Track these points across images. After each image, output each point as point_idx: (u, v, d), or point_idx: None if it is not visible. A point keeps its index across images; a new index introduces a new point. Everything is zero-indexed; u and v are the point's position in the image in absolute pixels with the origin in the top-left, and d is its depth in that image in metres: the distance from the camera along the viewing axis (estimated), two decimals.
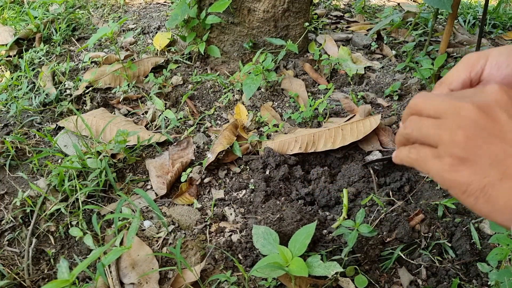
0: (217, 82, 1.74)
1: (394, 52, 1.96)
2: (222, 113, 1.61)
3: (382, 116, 1.52)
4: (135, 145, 1.37)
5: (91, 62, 1.87)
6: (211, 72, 1.84)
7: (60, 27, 2.10)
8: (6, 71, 1.87)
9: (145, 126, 1.54)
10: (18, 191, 1.24)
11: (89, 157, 1.27)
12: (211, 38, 1.81)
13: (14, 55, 1.95)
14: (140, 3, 2.54)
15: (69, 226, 1.16)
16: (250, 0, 1.69)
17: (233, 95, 1.67)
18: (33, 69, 1.85)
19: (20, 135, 1.48)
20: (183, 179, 1.30)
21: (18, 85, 1.74)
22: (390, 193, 1.25)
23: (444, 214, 1.18)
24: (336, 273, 0.98)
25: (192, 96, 1.69)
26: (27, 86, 1.68)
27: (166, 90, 1.69)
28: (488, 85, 0.46)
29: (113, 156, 1.36)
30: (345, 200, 1.18)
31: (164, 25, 2.19)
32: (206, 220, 1.19)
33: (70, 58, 1.95)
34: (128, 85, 1.71)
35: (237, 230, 1.16)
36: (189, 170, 1.32)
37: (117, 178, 1.30)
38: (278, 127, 1.46)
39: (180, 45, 1.96)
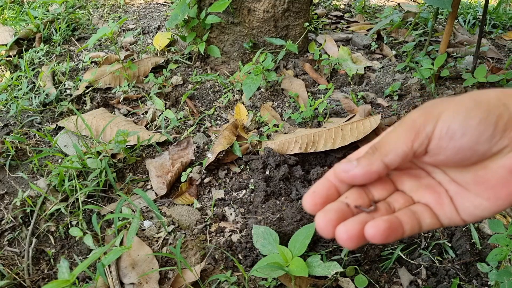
0: (217, 82, 1.74)
1: (394, 52, 1.96)
2: (222, 113, 1.61)
3: (382, 116, 1.52)
4: (135, 145, 1.37)
5: (91, 62, 1.87)
6: (211, 72, 1.84)
7: (60, 27, 2.10)
8: (6, 71, 1.87)
9: (145, 126, 1.54)
10: (18, 191, 1.24)
11: (89, 157, 1.27)
12: (211, 38, 1.81)
13: (14, 55, 1.95)
14: (140, 3, 2.54)
15: (69, 226, 1.16)
16: (250, 0, 1.69)
17: (233, 95, 1.67)
18: (33, 69, 1.85)
19: (20, 135, 1.48)
20: (183, 179, 1.30)
21: (18, 85, 1.74)
22: None
23: None
24: (336, 273, 0.98)
25: (192, 96, 1.70)
26: (27, 86, 1.68)
27: (166, 90, 1.69)
28: None
29: (113, 156, 1.36)
30: None
31: (164, 25, 2.19)
32: (206, 220, 1.19)
33: (70, 58, 1.95)
34: (128, 85, 1.71)
35: (237, 230, 1.16)
36: (189, 170, 1.32)
37: (117, 178, 1.30)
38: (278, 127, 1.46)
39: (180, 45, 1.96)
